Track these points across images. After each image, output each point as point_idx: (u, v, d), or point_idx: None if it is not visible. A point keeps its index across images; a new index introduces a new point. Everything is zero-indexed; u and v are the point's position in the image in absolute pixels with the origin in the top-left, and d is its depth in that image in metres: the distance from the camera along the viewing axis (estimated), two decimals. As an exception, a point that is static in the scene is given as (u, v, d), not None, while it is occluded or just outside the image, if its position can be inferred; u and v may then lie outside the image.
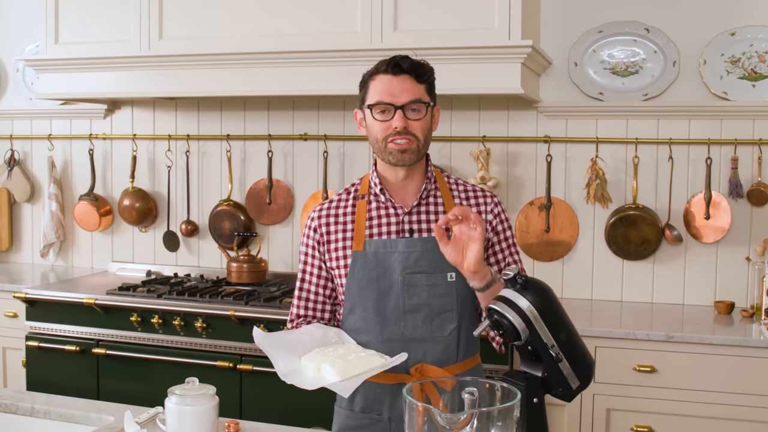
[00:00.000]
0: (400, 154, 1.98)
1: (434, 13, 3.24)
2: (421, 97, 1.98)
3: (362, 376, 1.77)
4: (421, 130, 1.98)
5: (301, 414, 3.19)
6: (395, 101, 1.95)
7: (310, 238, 2.12)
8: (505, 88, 3.16)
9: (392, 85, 1.96)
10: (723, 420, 2.93)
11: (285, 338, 1.96)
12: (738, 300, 3.45)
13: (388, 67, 1.97)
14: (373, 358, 1.84)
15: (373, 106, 1.98)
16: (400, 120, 1.95)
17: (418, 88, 1.98)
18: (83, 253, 4.48)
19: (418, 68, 1.98)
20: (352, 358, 1.82)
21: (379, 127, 1.98)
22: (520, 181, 3.72)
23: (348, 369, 1.77)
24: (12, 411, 2.06)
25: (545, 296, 1.70)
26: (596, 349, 3.04)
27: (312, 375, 1.80)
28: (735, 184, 3.42)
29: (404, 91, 1.96)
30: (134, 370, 3.50)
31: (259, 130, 4.09)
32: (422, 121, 1.98)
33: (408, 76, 1.97)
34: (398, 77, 1.96)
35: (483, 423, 1.39)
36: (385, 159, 2.02)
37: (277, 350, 1.88)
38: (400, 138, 1.96)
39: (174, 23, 3.61)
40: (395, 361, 1.82)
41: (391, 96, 1.96)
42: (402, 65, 1.96)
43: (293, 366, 1.85)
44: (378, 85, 1.98)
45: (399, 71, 1.96)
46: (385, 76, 1.97)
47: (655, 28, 3.50)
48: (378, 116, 1.98)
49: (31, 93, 4.46)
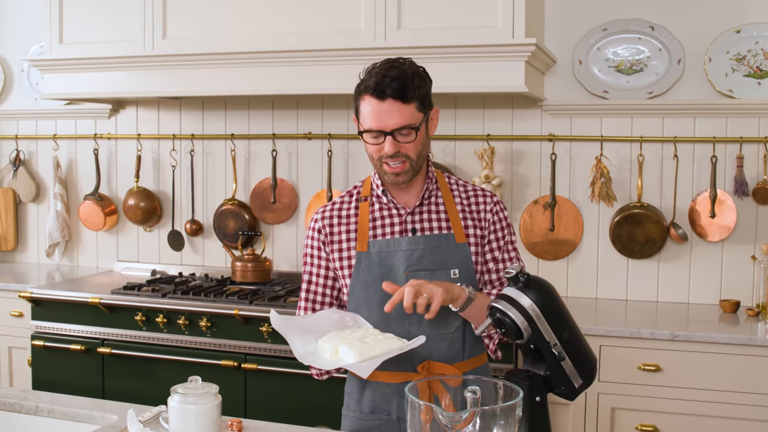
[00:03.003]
0: (395, 176, 1.99)
1: (438, 11, 3.24)
2: (410, 119, 1.93)
3: (381, 357, 1.77)
4: (414, 151, 1.97)
5: (306, 413, 3.19)
6: (384, 127, 1.93)
7: (315, 239, 2.12)
8: (510, 87, 3.16)
9: (379, 110, 1.92)
10: (728, 419, 2.92)
11: (302, 322, 1.97)
12: (743, 299, 3.44)
13: (374, 91, 1.92)
14: (390, 341, 1.84)
15: (364, 132, 1.97)
16: (390, 146, 1.94)
17: (406, 110, 1.92)
18: (88, 253, 4.50)
19: (404, 90, 1.91)
20: (369, 341, 1.82)
21: (372, 148, 1.99)
22: (524, 179, 3.72)
23: (366, 350, 1.77)
24: (16, 410, 2.06)
25: (547, 294, 1.70)
26: (601, 348, 3.03)
27: (329, 357, 1.81)
28: (740, 183, 3.41)
29: (392, 115, 1.92)
30: (139, 370, 3.51)
31: (264, 130, 4.09)
32: (413, 142, 1.96)
33: (394, 99, 1.91)
34: (385, 101, 1.92)
35: (485, 421, 1.39)
36: (382, 177, 2.04)
37: (294, 332, 1.89)
38: (392, 161, 1.97)
39: (178, 23, 3.61)
40: (413, 343, 1.82)
41: (379, 122, 1.93)
42: (386, 91, 1.90)
43: (310, 348, 1.85)
44: (367, 108, 1.95)
45: (384, 96, 1.91)
46: (372, 99, 1.93)
47: (660, 25, 3.49)
48: (370, 140, 1.97)
49: (36, 93, 4.47)
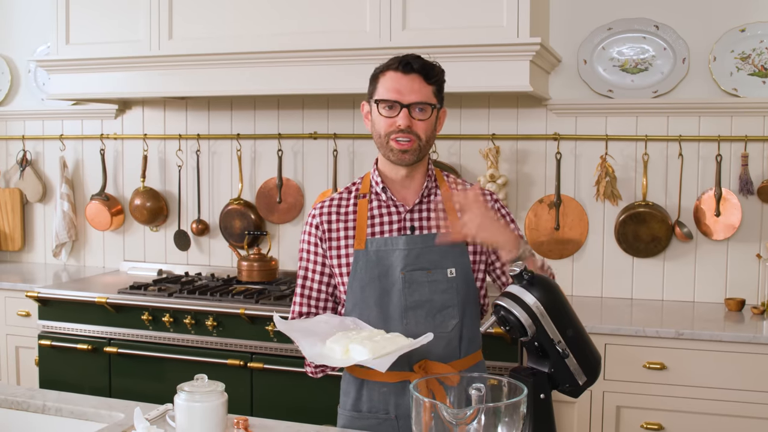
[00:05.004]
0: (401, 153, 1.99)
1: (443, 11, 3.25)
2: (428, 98, 1.99)
3: (396, 352, 1.78)
4: (424, 131, 1.99)
5: (312, 412, 3.20)
6: (402, 99, 1.97)
7: (312, 235, 2.11)
8: (514, 86, 3.17)
9: (401, 82, 1.97)
10: (733, 417, 2.92)
11: (303, 325, 1.98)
12: (748, 297, 3.43)
13: (399, 64, 1.98)
14: (398, 338, 1.86)
15: (380, 102, 1.99)
16: (404, 118, 1.97)
17: (426, 89, 1.99)
18: (95, 253, 4.51)
19: (429, 69, 1.99)
20: (378, 339, 1.83)
21: (383, 122, 1.99)
22: (529, 178, 3.72)
23: (378, 348, 1.78)
24: (24, 408, 2.07)
25: (551, 292, 1.70)
26: (606, 346, 3.03)
27: (340, 356, 1.82)
28: (745, 181, 3.41)
29: (413, 90, 1.97)
30: (146, 369, 3.52)
31: (269, 129, 4.10)
32: (426, 122, 1.99)
33: (418, 75, 1.98)
34: (408, 76, 1.97)
35: (490, 419, 1.39)
36: (386, 155, 2.03)
37: (301, 334, 1.90)
38: (402, 136, 1.97)
39: (184, 23, 3.62)
40: (422, 340, 1.82)
41: (399, 93, 1.97)
42: (413, 64, 1.97)
43: (317, 349, 1.86)
44: (387, 82, 1.99)
45: (409, 70, 1.97)
46: (395, 73, 1.99)
47: (665, 25, 3.49)
48: (384, 112, 1.99)
49: (42, 93, 4.49)
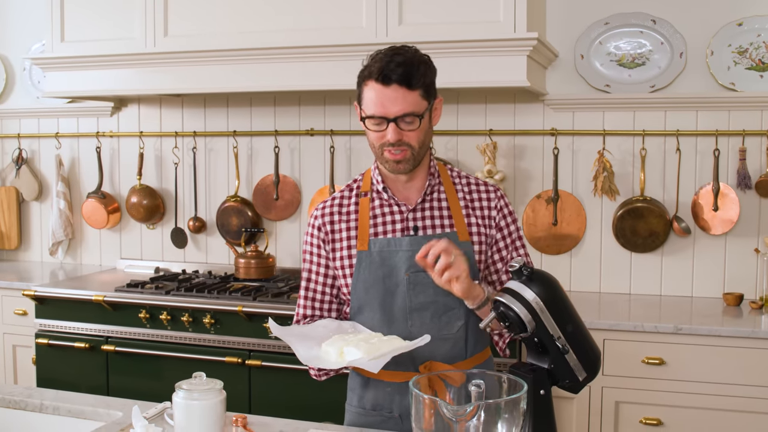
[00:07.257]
0: (396, 164, 1.95)
1: (439, 6, 3.24)
2: (414, 107, 1.88)
3: (389, 353, 1.76)
4: (416, 139, 1.92)
5: (310, 409, 3.19)
6: (387, 113, 1.89)
7: (315, 236, 2.09)
8: (512, 81, 3.16)
9: (384, 94, 1.88)
10: (732, 412, 2.92)
11: (300, 330, 1.97)
12: (747, 292, 3.44)
13: (378, 77, 1.88)
14: (395, 341, 1.84)
15: (366, 119, 1.93)
16: (393, 133, 1.90)
17: (411, 97, 1.88)
18: (92, 251, 4.50)
19: (410, 76, 1.87)
20: (374, 341, 1.82)
21: (374, 135, 1.94)
22: (527, 174, 3.71)
23: (372, 350, 1.77)
24: (21, 407, 2.07)
25: (551, 288, 1.70)
26: (604, 341, 3.03)
27: (335, 359, 1.80)
28: (743, 176, 3.40)
29: (396, 101, 1.87)
30: (143, 367, 3.52)
31: (266, 126, 4.09)
32: (417, 131, 1.92)
33: (398, 85, 1.87)
34: (389, 87, 1.87)
35: (490, 415, 1.39)
36: (383, 165, 2.00)
37: (296, 338, 1.89)
38: (394, 149, 1.92)
39: (179, 20, 3.61)
40: (419, 342, 1.80)
41: (383, 107, 1.89)
42: (392, 76, 1.86)
43: (314, 352, 1.85)
44: (370, 94, 1.91)
45: (389, 81, 1.87)
46: (377, 84, 1.88)
47: (662, 19, 3.48)
48: (372, 126, 1.93)
49: (38, 91, 4.47)
